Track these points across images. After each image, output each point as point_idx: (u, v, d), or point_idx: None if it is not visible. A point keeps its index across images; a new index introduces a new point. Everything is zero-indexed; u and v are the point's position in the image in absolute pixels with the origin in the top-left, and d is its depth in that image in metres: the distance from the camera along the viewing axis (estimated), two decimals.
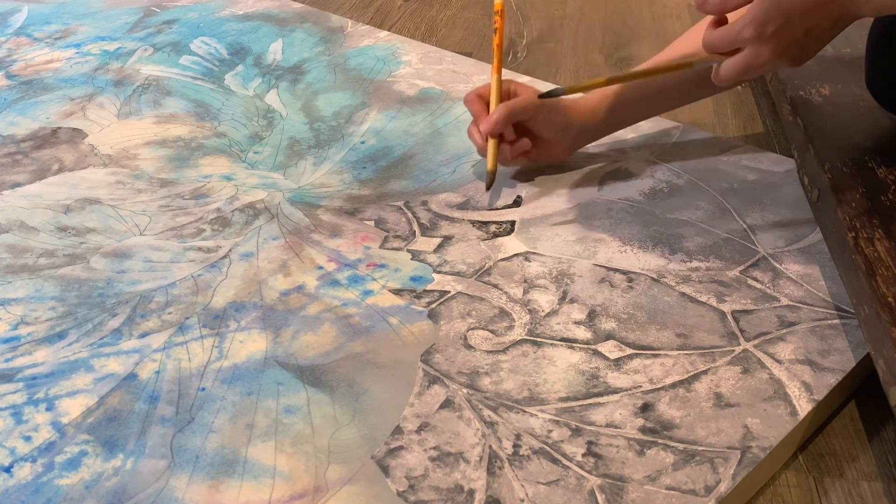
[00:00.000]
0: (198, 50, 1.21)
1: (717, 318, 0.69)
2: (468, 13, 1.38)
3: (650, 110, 0.90)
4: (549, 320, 0.69)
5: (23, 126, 1.02)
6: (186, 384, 0.64)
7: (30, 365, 0.66)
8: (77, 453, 0.59)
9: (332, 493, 0.55)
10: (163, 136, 1.00)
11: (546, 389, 0.62)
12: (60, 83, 1.13)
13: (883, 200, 0.71)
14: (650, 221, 0.81)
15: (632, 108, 0.88)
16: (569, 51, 1.23)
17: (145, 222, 0.84)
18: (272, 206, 0.86)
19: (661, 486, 0.55)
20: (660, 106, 0.89)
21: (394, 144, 0.96)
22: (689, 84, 0.85)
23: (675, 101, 0.89)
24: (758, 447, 0.57)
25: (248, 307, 0.72)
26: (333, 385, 0.64)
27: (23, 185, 0.91)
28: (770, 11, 0.65)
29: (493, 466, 0.57)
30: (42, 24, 1.32)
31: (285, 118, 1.03)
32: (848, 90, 0.89)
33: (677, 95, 0.87)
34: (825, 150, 0.79)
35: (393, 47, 1.20)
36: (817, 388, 0.61)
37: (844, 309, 0.69)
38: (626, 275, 0.74)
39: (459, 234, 0.80)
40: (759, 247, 0.76)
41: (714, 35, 0.69)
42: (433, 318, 0.70)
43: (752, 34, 0.66)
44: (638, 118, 0.90)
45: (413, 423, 0.60)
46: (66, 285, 0.75)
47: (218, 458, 0.58)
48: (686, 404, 0.61)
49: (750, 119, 1.02)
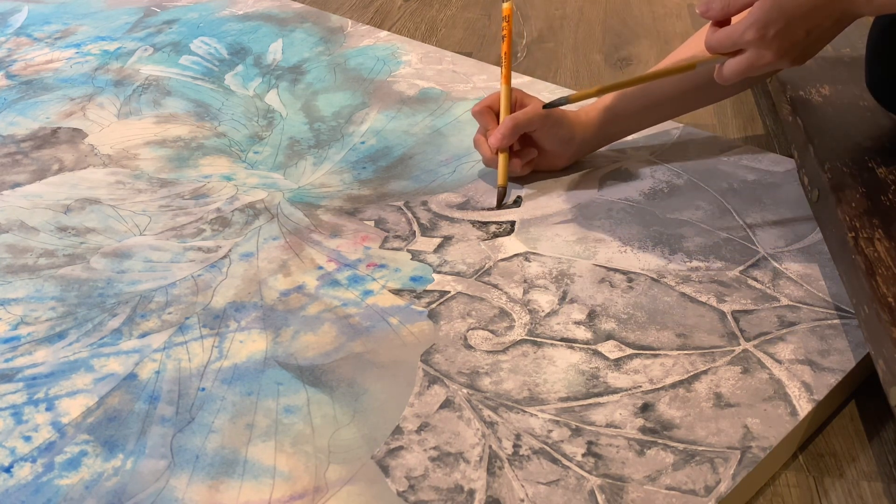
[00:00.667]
0: (198, 50, 1.21)
1: (717, 318, 0.69)
2: (468, 13, 1.38)
3: (651, 120, 0.90)
4: (549, 320, 0.69)
5: (23, 126, 1.02)
6: (186, 384, 0.64)
7: (30, 365, 0.66)
8: (77, 453, 0.59)
9: (332, 493, 0.55)
10: (163, 136, 1.00)
11: (546, 389, 0.62)
12: (60, 83, 1.13)
13: (883, 200, 0.71)
14: (650, 221, 0.81)
15: (633, 119, 0.88)
16: (569, 51, 1.23)
17: (145, 222, 0.84)
18: (272, 206, 0.86)
19: (661, 486, 0.55)
20: (661, 115, 0.90)
21: (394, 144, 0.96)
22: (689, 93, 0.85)
23: (675, 111, 0.89)
24: (758, 447, 0.57)
25: (248, 307, 0.72)
26: (333, 385, 0.64)
27: (23, 185, 0.91)
28: (771, 14, 0.65)
29: (493, 466, 0.57)
30: (42, 24, 1.32)
31: (285, 118, 1.03)
32: (848, 90, 0.89)
33: (678, 104, 0.88)
34: (825, 150, 0.79)
35: (393, 47, 1.20)
36: (817, 388, 0.61)
37: (844, 309, 0.69)
38: (626, 275, 0.74)
39: (459, 235, 0.80)
40: (759, 247, 0.76)
41: (717, 36, 0.69)
42: (433, 318, 0.70)
43: (754, 36, 0.66)
44: (639, 128, 0.91)
45: (413, 423, 0.60)
46: (66, 285, 0.75)
47: (218, 458, 0.58)
48: (686, 404, 0.61)
49: (750, 119, 1.02)
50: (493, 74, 1.11)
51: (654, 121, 0.91)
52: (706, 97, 0.88)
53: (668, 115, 0.90)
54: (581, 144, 0.87)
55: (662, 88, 0.84)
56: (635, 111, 0.87)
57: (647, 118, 0.89)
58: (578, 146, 0.87)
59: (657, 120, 0.91)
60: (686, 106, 0.89)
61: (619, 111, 0.87)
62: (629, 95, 0.86)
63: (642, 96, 0.85)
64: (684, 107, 0.89)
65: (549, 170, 0.88)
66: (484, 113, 0.86)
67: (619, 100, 0.86)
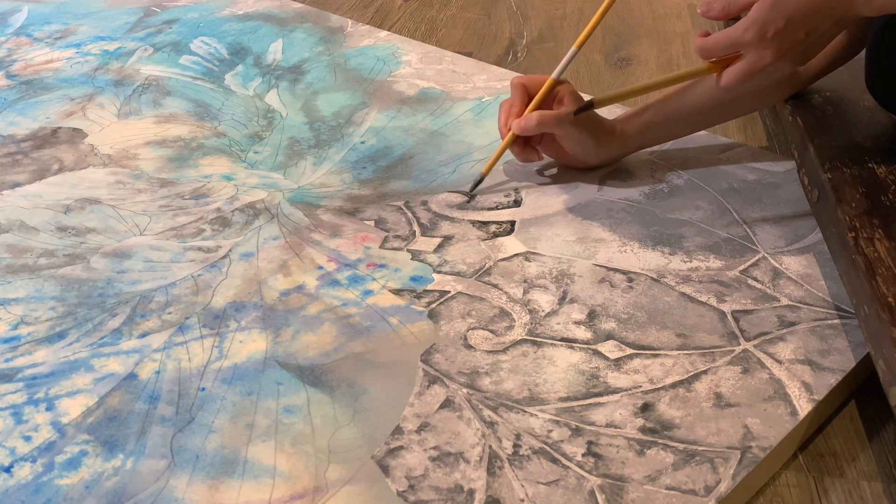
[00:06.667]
0: (198, 50, 1.21)
1: (717, 318, 0.69)
2: (468, 13, 1.38)
3: (676, 135, 0.90)
4: (549, 320, 0.69)
5: (23, 126, 1.02)
6: (186, 384, 0.64)
7: (30, 365, 0.66)
8: (77, 453, 0.59)
9: (332, 493, 0.55)
10: (163, 136, 1.00)
11: (546, 389, 0.62)
12: (60, 83, 1.13)
13: (883, 200, 0.71)
14: (650, 221, 0.81)
15: (657, 136, 0.89)
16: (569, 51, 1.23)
17: (145, 222, 0.84)
18: (272, 206, 0.86)
19: (661, 486, 0.55)
20: (687, 129, 0.90)
21: (394, 144, 0.96)
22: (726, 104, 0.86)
23: (709, 122, 0.90)
24: (758, 447, 0.57)
25: (248, 307, 0.72)
26: (333, 385, 0.64)
27: (23, 185, 0.91)
28: (771, 14, 0.65)
29: (493, 466, 0.57)
30: (42, 24, 1.32)
31: (285, 118, 1.03)
32: (848, 90, 0.89)
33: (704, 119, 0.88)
34: (825, 150, 0.79)
35: (393, 47, 1.20)
36: (817, 388, 0.61)
37: (844, 309, 0.69)
38: (626, 275, 0.74)
39: (459, 234, 0.80)
40: (759, 247, 0.76)
41: (715, 37, 0.69)
42: (433, 318, 0.70)
43: (754, 36, 0.66)
44: (668, 139, 0.91)
45: (413, 423, 0.60)
46: (66, 285, 0.75)
47: (218, 458, 0.58)
48: (686, 404, 0.61)
49: (750, 119, 1.02)
50: (494, 74, 1.11)
51: (683, 134, 0.91)
52: (738, 108, 0.88)
53: (698, 129, 0.90)
54: (605, 156, 0.88)
55: (691, 104, 0.85)
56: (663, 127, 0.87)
57: (674, 133, 0.90)
58: (602, 157, 0.88)
59: (686, 133, 0.90)
60: (720, 117, 0.89)
61: (647, 128, 0.87)
62: (657, 112, 0.86)
63: (669, 113, 0.86)
64: (713, 120, 0.90)
65: (569, 167, 0.89)
66: (518, 89, 0.85)
67: (647, 117, 0.86)
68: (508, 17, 1.36)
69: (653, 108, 0.86)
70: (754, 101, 0.89)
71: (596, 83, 1.14)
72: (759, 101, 0.89)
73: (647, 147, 0.90)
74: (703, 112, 0.86)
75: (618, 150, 0.88)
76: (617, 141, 0.87)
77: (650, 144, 0.90)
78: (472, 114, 1.01)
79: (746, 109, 0.91)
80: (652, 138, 0.89)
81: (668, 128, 0.88)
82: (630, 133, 0.87)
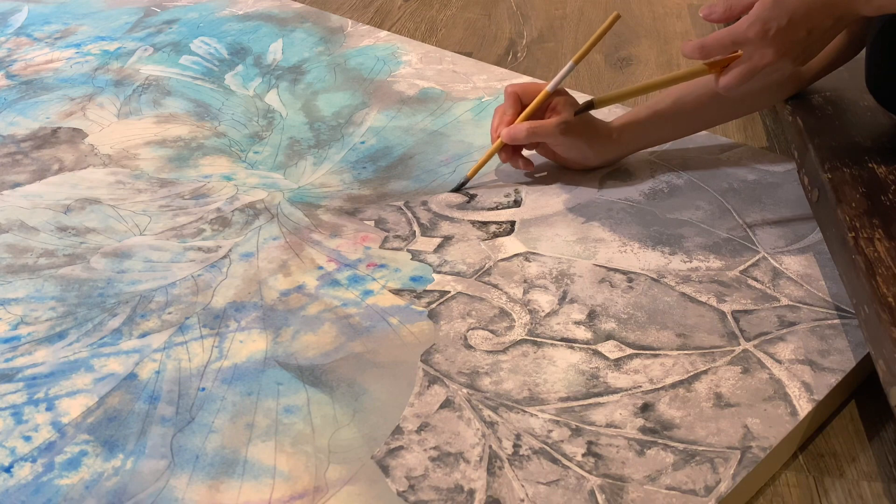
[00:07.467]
0: (198, 50, 1.21)
1: (717, 318, 0.69)
2: (468, 13, 1.38)
3: (676, 135, 0.90)
4: (549, 320, 0.69)
5: (23, 126, 1.02)
6: (186, 384, 0.64)
7: (30, 365, 0.66)
8: (77, 453, 0.59)
9: (332, 493, 0.55)
10: (163, 136, 1.00)
11: (546, 389, 0.62)
12: (60, 83, 1.13)
13: (883, 200, 0.71)
14: (650, 221, 0.81)
15: (657, 137, 0.89)
16: (569, 51, 1.23)
17: (145, 222, 0.84)
18: (272, 206, 0.86)
19: (661, 486, 0.55)
20: (687, 130, 0.90)
21: (394, 144, 0.96)
22: (725, 105, 0.86)
23: (701, 125, 0.90)
24: (758, 447, 0.57)
25: (248, 307, 0.72)
26: (333, 385, 0.64)
27: (23, 185, 0.91)
28: (774, 11, 0.65)
29: (493, 466, 0.57)
30: (42, 24, 1.32)
31: (285, 118, 1.03)
32: (848, 90, 0.89)
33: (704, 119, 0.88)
34: (825, 150, 0.79)
35: (393, 47, 1.20)
36: (817, 388, 0.61)
37: (844, 309, 0.69)
38: (626, 275, 0.74)
39: (459, 234, 0.80)
40: (759, 247, 0.76)
41: (715, 36, 0.69)
42: (433, 318, 0.70)
43: (756, 34, 0.66)
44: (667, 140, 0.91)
45: (413, 423, 0.60)
46: (66, 285, 0.75)
47: (218, 458, 0.58)
48: (686, 404, 0.61)
49: (750, 119, 1.02)
50: (493, 74, 1.11)
51: (677, 136, 0.91)
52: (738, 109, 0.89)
53: (691, 131, 0.91)
54: (599, 161, 0.88)
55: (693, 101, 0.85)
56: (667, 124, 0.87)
57: (668, 135, 0.90)
58: (596, 162, 0.88)
59: (679, 135, 0.91)
60: (720, 117, 0.90)
61: (640, 134, 0.87)
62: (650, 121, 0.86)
63: (663, 118, 0.86)
64: (717, 118, 0.90)
65: (562, 165, 0.89)
66: (511, 98, 0.85)
67: (651, 115, 0.86)
68: (508, 17, 1.36)
69: (652, 108, 0.86)
70: (754, 102, 0.89)
71: (596, 83, 1.14)
72: (759, 101, 0.89)
73: (646, 148, 0.90)
74: (703, 112, 0.86)
75: (616, 152, 0.89)
76: (615, 143, 0.87)
77: (650, 145, 0.90)
78: (472, 114, 1.01)
79: (746, 110, 0.92)
80: (652, 139, 0.89)
81: (668, 128, 0.88)
82: (629, 134, 0.87)
